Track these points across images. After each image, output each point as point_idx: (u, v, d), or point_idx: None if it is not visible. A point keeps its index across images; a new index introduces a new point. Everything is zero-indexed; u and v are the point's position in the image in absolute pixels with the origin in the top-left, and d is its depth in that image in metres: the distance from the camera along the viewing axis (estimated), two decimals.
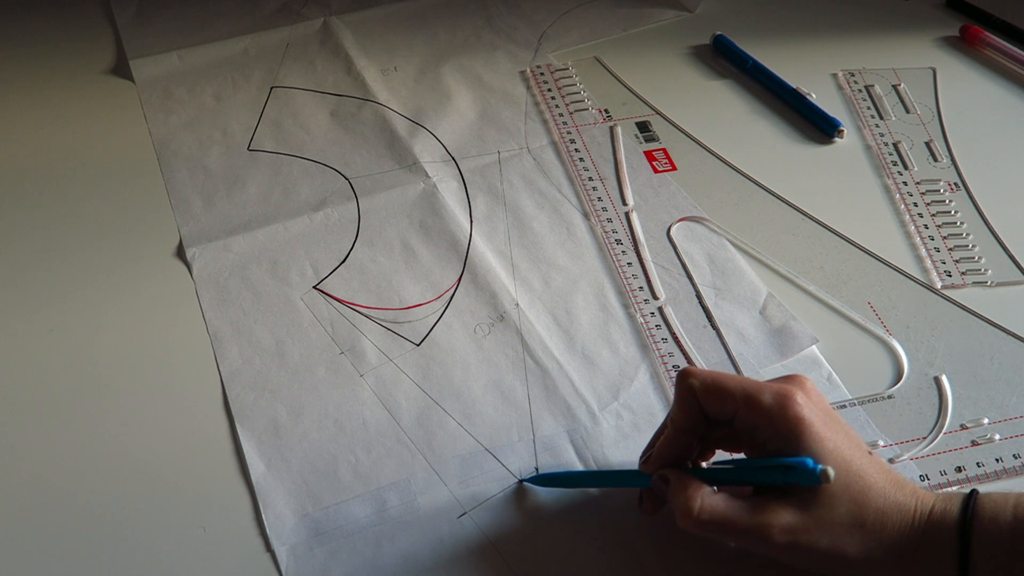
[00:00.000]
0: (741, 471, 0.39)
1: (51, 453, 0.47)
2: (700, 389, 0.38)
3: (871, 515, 0.36)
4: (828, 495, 0.36)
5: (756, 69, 0.72)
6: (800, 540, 0.36)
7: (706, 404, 0.38)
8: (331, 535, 0.43)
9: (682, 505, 0.37)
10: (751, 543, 0.37)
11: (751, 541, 0.37)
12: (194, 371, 0.51)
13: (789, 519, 0.36)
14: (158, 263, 0.58)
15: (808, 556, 0.36)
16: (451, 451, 0.47)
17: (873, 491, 0.36)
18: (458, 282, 0.56)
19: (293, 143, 0.67)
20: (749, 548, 0.38)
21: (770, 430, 0.37)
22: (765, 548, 0.36)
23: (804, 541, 0.36)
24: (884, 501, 0.36)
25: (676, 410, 0.39)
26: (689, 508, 0.37)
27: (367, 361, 0.51)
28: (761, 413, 0.37)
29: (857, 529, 0.36)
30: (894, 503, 0.37)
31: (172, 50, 0.76)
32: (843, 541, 0.36)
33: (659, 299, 0.55)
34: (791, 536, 0.36)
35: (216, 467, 0.46)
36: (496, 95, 0.71)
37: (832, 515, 0.36)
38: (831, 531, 0.36)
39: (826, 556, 0.36)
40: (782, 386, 0.38)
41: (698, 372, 0.39)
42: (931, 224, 0.59)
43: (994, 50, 0.74)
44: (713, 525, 0.37)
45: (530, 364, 0.51)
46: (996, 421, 0.48)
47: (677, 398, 0.40)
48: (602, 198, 0.62)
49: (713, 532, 0.37)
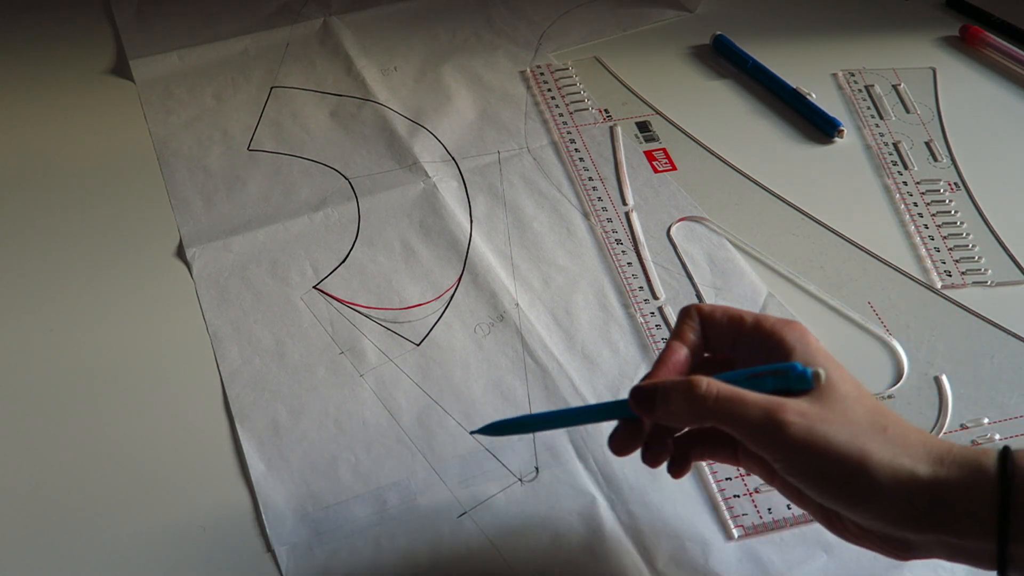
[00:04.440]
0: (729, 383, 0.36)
1: (51, 453, 0.47)
2: (707, 309, 0.38)
3: (891, 423, 0.33)
4: (843, 395, 0.33)
5: (756, 69, 0.72)
6: (816, 431, 0.32)
7: (711, 321, 0.37)
8: (331, 535, 0.43)
9: (684, 389, 0.34)
10: (761, 437, 0.33)
11: (761, 434, 0.33)
12: (194, 371, 0.51)
13: (804, 406, 0.33)
14: (158, 263, 0.58)
15: (826, 462, 0.32)
16: (451, 451, 0.47)
17: (891, 412, 0.34)
18: (458, 282, 0.56)
19: (293, 143, 0.67)
20: (758, 446, 0.33)
21: (774, 350, 0.35)
22: (776, 445, 0.32)
23: (821, 433, 0.32)
24: (905, 422, 0.34)
25: (675, 332, 0.38)
26: (695, 385, 0.34)
27: (367, 361, 0.51)
28: (765, 330, 0.36)
29: (879, 432, 0.33)
30: (916, 428, 0.34)
31: (172, 50, 0.76)
32: (864, 438, 0.32)
33: (659, 299, 0.55)
34: (806, 423, 0.32)
35: (216, 467, 0.46)
36: (496, 95, 0.71)
37: (849, 413, 0.33)
38: (850, 427, 0.32)
39: (846, 461, 0.32)
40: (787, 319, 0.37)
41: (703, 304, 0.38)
42: (931, 224, 0.59)
43: (994, 50, 0.74)
44: (721, 403, 0.33)
45: (530, 364, 0.51)
46: (996, 421, 0.48)
47: (678, 323, 0.38)
48: (602, 198, 0.62)
49: (719, 416, 0.33)
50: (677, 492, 0.45)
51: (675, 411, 0.35)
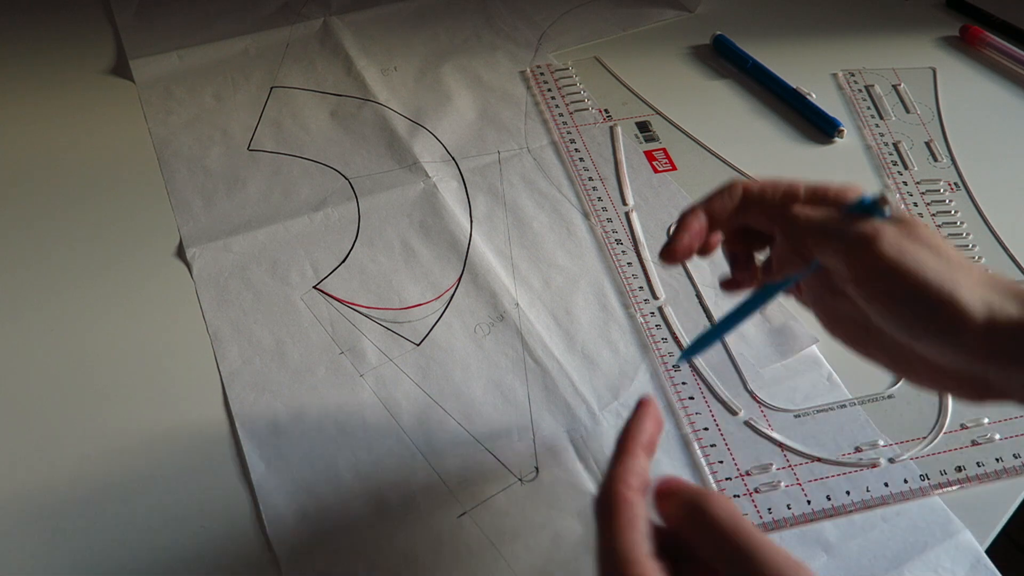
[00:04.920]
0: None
1: (51, 453, 0.47)
2: (756, 189, 0.37)
3: (976, 264, 0.33)
4: (928, 233, 0.33)
5: (756, 69, 0.72)
6: (908, 252, 0.32)
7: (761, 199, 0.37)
8: (331, 535, 0.43)
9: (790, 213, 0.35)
10: (854, 251, 0.32)
11: (855, 248, 0.32)
12: (194, 371, 0.51)
13: (894, 229, 0.32)
14: (158, 263, 0.58)
15: (915, 286, 0.31)
16: (451, 451, 0.47)
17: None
18: (458, 282, 0.56)
19: (293, 143, 0.67)
20: (848, 263, 0.33)
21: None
22: (868, 261, 0.32)
23: (912, 255, 0.31)
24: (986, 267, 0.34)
25: (705, 200, 0.38)
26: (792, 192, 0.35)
27: (367, 361, 0.51)
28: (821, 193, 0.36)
29: (967, 267, 0.32)
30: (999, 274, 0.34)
31: (172, 50, 0.76)
32: (953, 270, 0.31)
33: (659, 299, 0.55)
34: (898, 242, 0.32)
35: (216, 467, 0.46)
36: (496, 95, 0.71)
37: (936, 247, 0.32)
38: (939, 257, 0.32)
39: (937, 289, 0.31)
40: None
41: None
42: (931, 224, 0.59)
43: (994, 50, 0.74)
44: (814, 220, 0.34)
45: (530, 364, 0.51)
46: (996, 421, 0.48)
47: (714, 194, 0.38)
48: (602, 198, 0.62)
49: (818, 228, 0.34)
50: None
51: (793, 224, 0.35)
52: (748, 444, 0.47)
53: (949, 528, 0.43)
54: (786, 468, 0.46)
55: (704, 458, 0.46)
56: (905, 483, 0.45)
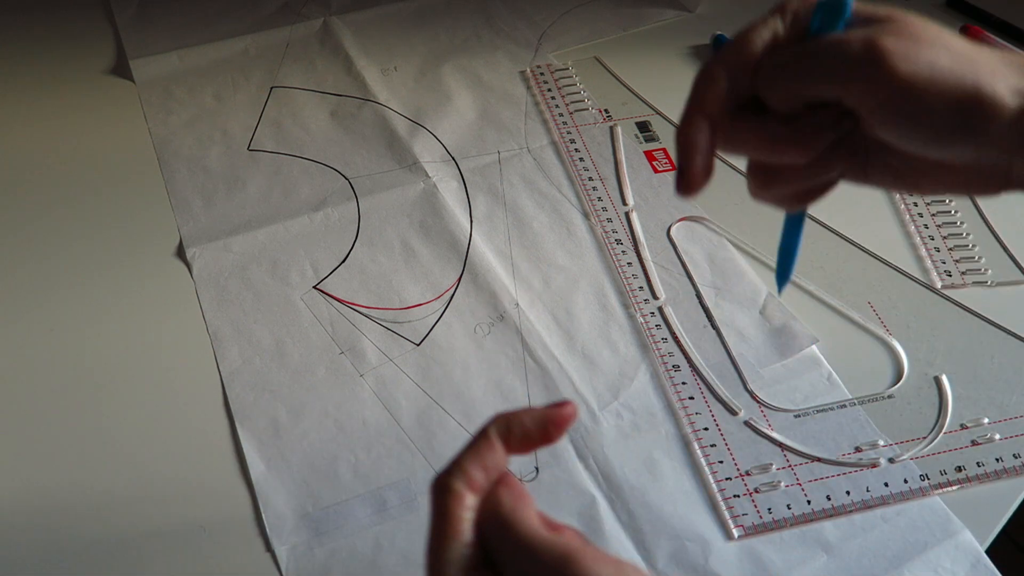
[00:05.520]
0: None
1: (51, 453, 0.47)
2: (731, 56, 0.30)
3: (982, 47, 0.28)
4: (921, 24, 0.28)
5: None
6: (919, 57, 0.27)
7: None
8: (331, 535, 0.43)
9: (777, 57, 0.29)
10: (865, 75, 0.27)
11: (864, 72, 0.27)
12: (194, 371, 0.51)
13: (891, 32, 0.27)
14: (158, 263, 0.58)
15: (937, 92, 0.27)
16: (451, 451, 0.47)
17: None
18: (458, 282, 0.56)
19: (293, 143, 0.67)
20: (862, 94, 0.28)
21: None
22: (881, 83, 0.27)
23: (924, 60, 0.27)
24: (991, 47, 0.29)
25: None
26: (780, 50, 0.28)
27: (367, 361, 0.51)
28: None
29: (978, 52, 0.28)
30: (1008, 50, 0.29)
31: (172, 50, 0.76)
32: (967, 60, 0.27)
33: (659, 299, 0.55)
34: (903, 46, 0.27)
35: (216, 467, 0.46)
36: (496, 95, 0.71)
37: (937, 37, 0.28)
38: (947, 50, 0.27)
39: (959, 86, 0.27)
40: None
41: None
42: (931, 224, 0.59)
43: None
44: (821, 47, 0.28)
45: (530, 364, 0.51)
46: (996, 421, 0.48)
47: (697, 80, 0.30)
48: (602, 198, 0.62)
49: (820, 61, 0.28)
50: (677, 492, 0.45)
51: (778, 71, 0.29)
52: (748, 444, 0.47)
53: (949, 528, 0.43)
54: (786, 468, 0.46)
55: (704, 458, 0.46)
56: (905, 483, 0.45)
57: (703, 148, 0.30)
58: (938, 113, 0.27)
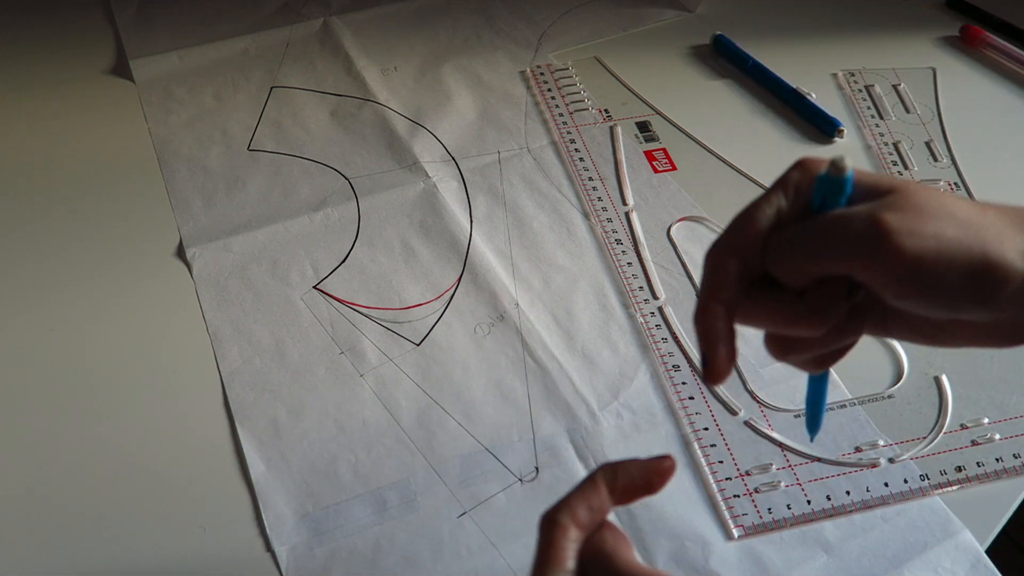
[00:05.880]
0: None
1: (50, 453, 0.47)
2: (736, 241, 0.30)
3: (988, 205, 0.29)
4: (922, 190, 0.28)
5: (756, 69, 0.72)
6: (923, 231, 0.27)
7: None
8: (331, 535, 0.43)
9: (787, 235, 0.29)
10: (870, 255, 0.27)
11: (869, 251, 0.27)
12: (194, 371, 0.51)
13: (892, 206, 0.27)
14: (158, 263, 0.58)
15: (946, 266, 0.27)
16: (451, 451, 0.47)
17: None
18: (458, 282, 0.56)
19: (293, 143, 0.67)
20: (868, 269, 0.28)
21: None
22: (888, 261, 0.27)
23: (929, 233, 0.27)
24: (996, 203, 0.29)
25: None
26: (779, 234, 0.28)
27: (367, 361, 0.51)
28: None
29: (983, 214, 0.28)
30: (1013, 206, 0.30)
31: (172, 50, 0.76)
32: (972, 226, 0.27)
33: (659, 299, 0.55)
34: (907, 221, 0.27)
35: (216, 467, 0.46)
36: (496, 95, 0.71)
37: (940, 205, 0.28)
38: (952, 218, 0.27)
39: (966, 257, 0.27)
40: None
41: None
42: None
43: (994, 50, 0.74)
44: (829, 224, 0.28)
45: (530, 364, 0.51)
46: (996, 421, 0.48)
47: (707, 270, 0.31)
48: (602, 198, 0.62)
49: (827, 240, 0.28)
50: (677, 492, 0.45)
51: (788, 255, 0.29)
52: (748, 444, 0.47)
53: (949, 528, 0.43)
54: (786, 468, 0.46)
55: (704, 458, 0.46)
56: (905, 483, 0.45)
57: (724, 336, 0.31)
58: (949, 285, 0.27)
